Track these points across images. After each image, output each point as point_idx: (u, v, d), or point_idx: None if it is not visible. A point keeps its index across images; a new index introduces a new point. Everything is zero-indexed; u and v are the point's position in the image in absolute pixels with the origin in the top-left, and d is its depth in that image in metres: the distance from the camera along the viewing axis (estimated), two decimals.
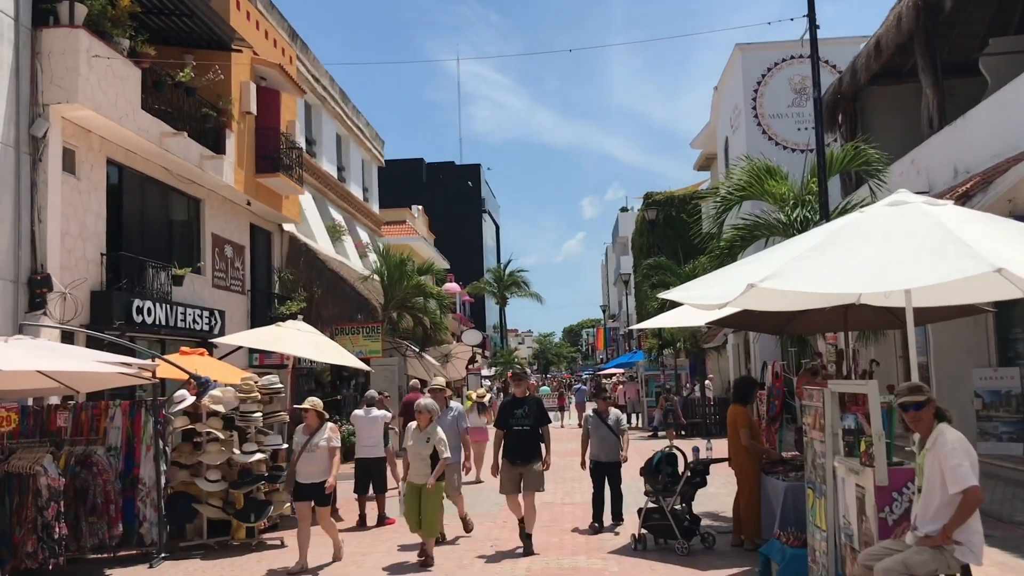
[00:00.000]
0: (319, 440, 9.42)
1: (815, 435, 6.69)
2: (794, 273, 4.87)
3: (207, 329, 16.77)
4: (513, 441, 10.05)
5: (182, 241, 17.49)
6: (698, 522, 9.79)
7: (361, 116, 32.44)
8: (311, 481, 9.37)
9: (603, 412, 11.47)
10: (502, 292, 66.06)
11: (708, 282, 6.20)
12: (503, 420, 10.18)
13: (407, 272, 23.36)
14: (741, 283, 5.07)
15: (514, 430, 10.04)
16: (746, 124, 28.94)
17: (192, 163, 16.25)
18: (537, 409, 10.24)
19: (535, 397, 10.91)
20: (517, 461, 9.95)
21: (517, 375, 10.81)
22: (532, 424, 10.06)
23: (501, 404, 10.56)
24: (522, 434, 10.01)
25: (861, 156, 11.96)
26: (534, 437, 10.09)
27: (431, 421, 9.44)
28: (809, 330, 9.99)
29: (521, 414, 10.07)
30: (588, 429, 11.48)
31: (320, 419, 9.55)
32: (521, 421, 10.03)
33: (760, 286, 4.80)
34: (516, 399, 10.34)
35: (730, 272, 6.10)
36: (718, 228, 12.32)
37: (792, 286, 4.92)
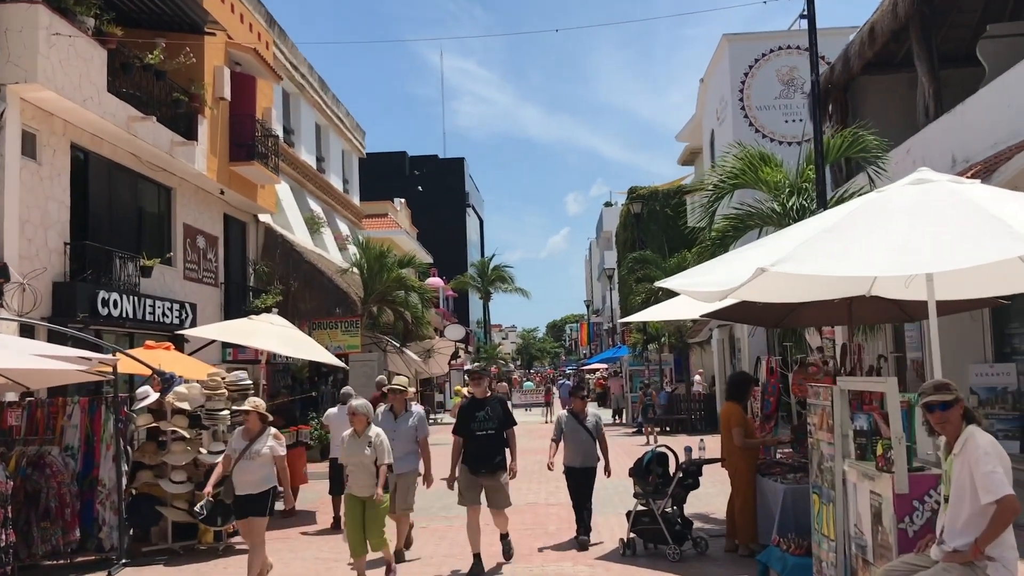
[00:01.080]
0: (260, 447, 8.26)
1: (822, 436, 6.18)
2: (807, 256, 4.35)
3: (177, 322, 16.13)
4: (475, 448, 8.95)
5: (152, 231, 16.83)
6: (690, 526, 9.27)
7: (341, 105, 31.78)
8: (248, 492, 8.20)
9: (580, 412, 10.28)
10: (486, 287, 65.50)
11: (708, 269, 5.68)
12: (463, 424, 9.06)
13: (387, 265, 22.78)
14: (747, 268, 4.54)
15: (476, 436, 8.95)
16: (733, 116, 28.47)
17: (162, 149, 15.59)
18: (501, 411, 9.15)
19: (498, 397, 9.60)
20: (480, 470, 8.90)
21: (476, 373, 9.54)
22: (496, 428, 8.98)
23: (460, 407, 9.42)
24: (485, 440, 8.92)
25: (860, 142, 11.48)
26: (499, 443, 9.03)
27: (368, 424, 8.36)
28: (809, 323, 9.50)
29: (483, 417, 8.97)
30: (561, 430, 10.23)
31: (263, 422, 8.44)
32: (484, 425, 8.94)
33: (771, 270, 4.28)
34: (476, 400, 9.19)
35: (734, 258, 5.59)
36: (709, 218, 11.81)
37: (806, 270, 4.39)
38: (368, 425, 8.37)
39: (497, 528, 9.29)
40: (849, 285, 6.20)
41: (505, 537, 9.38)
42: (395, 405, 9.81)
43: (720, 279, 5.04)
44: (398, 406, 9.80)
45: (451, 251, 72.79)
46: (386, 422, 9.41)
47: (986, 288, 6.21)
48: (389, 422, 9.47)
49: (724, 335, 31.83)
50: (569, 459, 10.17)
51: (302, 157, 26.65)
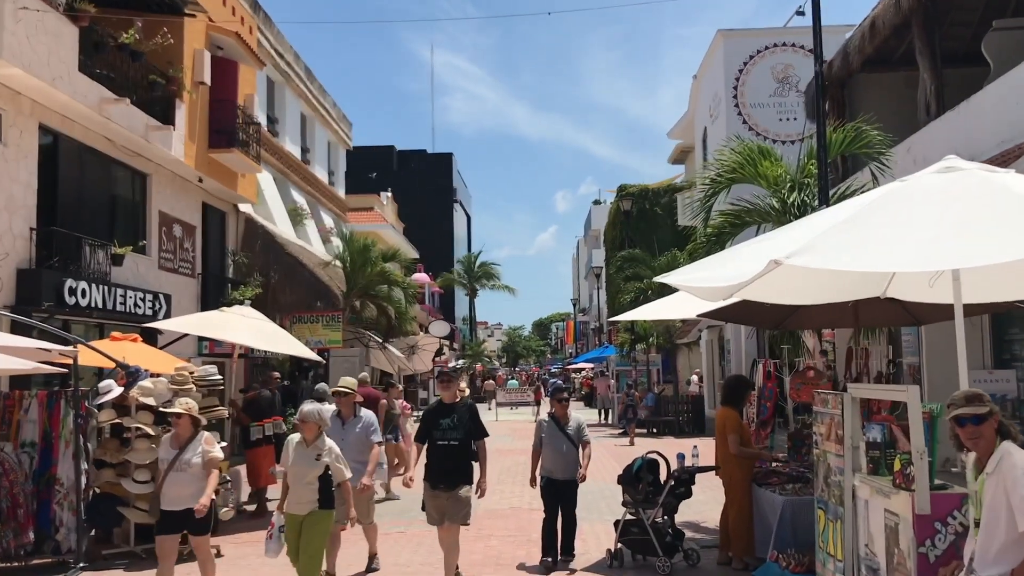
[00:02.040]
0: (192, 455, 7.36)
1: (830, 447, 5.69)
2: (826, 249, 3.86)
3: (150, 314, 15.54)
4: (435, 459, 8.00)
5: (125, 218, 16.22)
6: (681, 537, 8.79)
7: (328, 96, 31.17)
8: (182, 508, 7.29)
9: (561, 418, 9.11)
10: (472, 283, 65.08)
11: (712, 264, 5.19)
12: (425, 431, 8.12)
13: (371, 258, 22.21)
14: (757, 262, 4.06)
15: (438, 445, 7.98)
16: (726, 113, 28.04)
17: (137, 134, 14.98)
18: (469, 418, 8.16)
19: (467, 403, 8.52)
20: (440, 485, 7.92)
21: (446, 375, 8.66)
22: (461, 438, 7.99)
23: (424, 412, 8.45)
24: (448, 450, 7.95)
25: (862, 138, 11.02)
26: (464, 455, 8.05)
27: (320, 433, 7.38)
28: (811, 325, 9.03)
29: (448, 425, 8.01)
30: (541, 438, 9.08)
31: (195, 427, 7.52)
32: (447, 434, 7.97)
33: (785, 263, 3.78)
34: (443, 405, 8.22)
35: (740, 252, 5.10)
36: (705, 213, 11.32)
37: (823, 263, 3.90)
38: (319, 435, 7.38)
39: (446, 565, 8.26)
40: (863, 285, 5.72)
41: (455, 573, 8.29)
42: (342, 410, 8.96)
43: (726, 274, 4.54)
44: (345, 411, 8.96)
45: (438, 247, 72.19)
46: (332, 428, 8.45)
47: (1012, 289, 5.73)
48: (336, 428, 8.61)
49: (713, 336, 31.41)
50: (548, 469, 9.02)
51: (286, 147, 26.05)
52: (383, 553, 9.60)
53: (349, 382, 9.20)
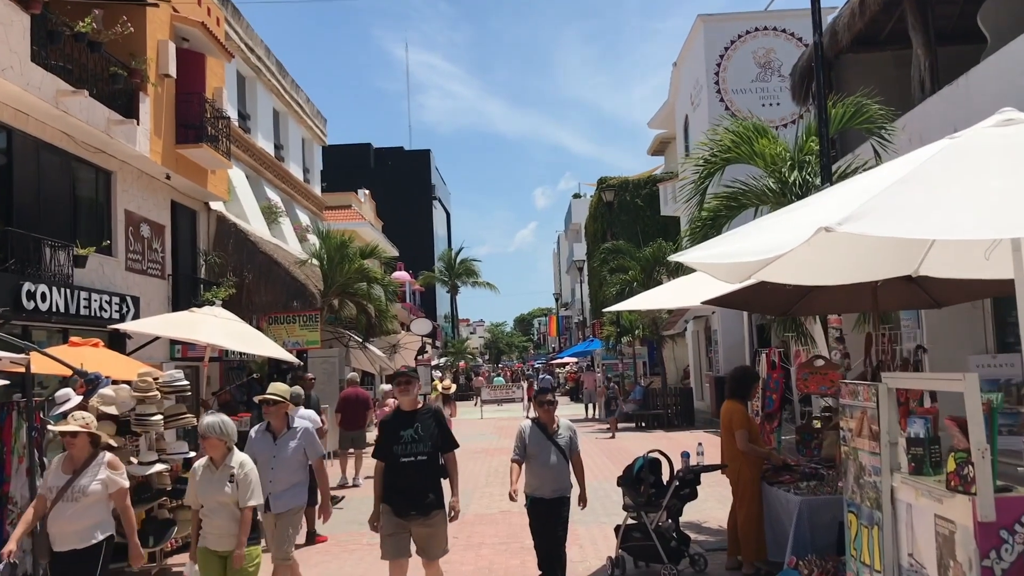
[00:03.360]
0: (88, 481, 6.07)
1: (862, 444, 5.10)
2: (884, 214, 3.25)
3: (118, 317, 14.79)
4: (399, 480, 6.63)
5: (89, 217, 15.44)
6: (687, 542, 8.19)
7: (301, 92, 30.40)
8: (71, 547, 5.99)
9: (547, 423, 7.61)
10: (453, 281, 64.43)
11: (731, 239, 4.57)
12: (384, 447, 6.78)
13: (349, 255, 21.48)
14: (796, 231, 3.47)
15: (401, 463, 6.62)
16: (708, 100, 27.55)
17: (98, 128, 14.21)
18: (436, 427, 6.81)
19: (431, 409, 7.07)
20: (408, 511, 6.61)
21: (403, 376, 7.01)
22: (429, 452, 6.69)
23: (380, 423, 7.07)
24: (413, 469, 6.60)
25: (863, 112, 10.47)
26: (432, 473, 6.74)
27: (229, 451, 6.17)
28: (823, 310, 8.47)
29: (410, 437, 6.67)
30: (524, 448, 7.51)
31: (94, 447, 6.26)
32: (411, 448, 6.64)
33: (838, 231, 3.18)
34: (402, 414, 6.85)
35: (767, 223, 4.49)
36: (700, 196, 10.73)
37: (884, 230, 3.29)
38: (229, 452, 6.17)
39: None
40: (894, 262, 5.13)
41: None
42: (272, 422, 7.63)
43: (753, 247, 3.93)
44: (276, 423, 7.61)
45: (417, 245, 71.50)
46: (262, 445, 7.49)
47: None
48: (266, 445, 7.50)
49: (699, 327, 30.97)
50: (534, 486, 7.50)
51: (259, 144, 25.28)
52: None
53: (279, 388, 7.76)
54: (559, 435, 7.57)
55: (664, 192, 34.17)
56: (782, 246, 3.53)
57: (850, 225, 3.20)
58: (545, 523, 7.45)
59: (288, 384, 19.99)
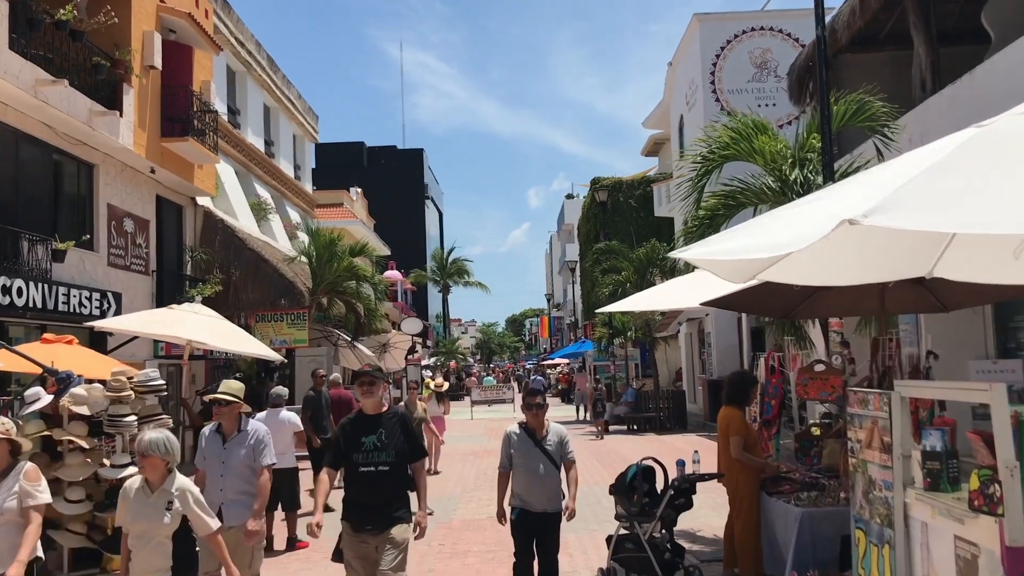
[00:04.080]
0: (4, 497, 5.28)
1: (871, 456, 4.79)
2: (913, 205, 2.92)
3: (98, 313, 14.42)
4: (362, 492, 5.93)
5: (70, 211, 15.07)
6: (682, 553, 7.84)
7: (292, 87, 30.03)
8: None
9: (536, 429, 6.93)
10: (445, 280, 64.07)
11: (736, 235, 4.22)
12: (341, 453, 6.03)
13: (338, 253, 21.12)
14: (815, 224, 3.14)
15: (362, 473, 5.90)
16: (703, 100, 27.26)
17: (79, 119, 13.83)
18: (402, 434, 6.05)
19: (397, 413, 6.28)
20: (366, 526, 5.86)
21: (366, 377, 6.23)
22: (393, 461, 5.92)
23: (340, 427, 6.29)
24: (377, 479, 5.88)
25: (866, 110, 10.16)
26: (398, 483, 6.00)
27: (170, 473, 5.31)
28: (826, 313, 8.16)
29: (372, 444, 5.93)
30: (510, 457, 6.89)
31: (13, 456, 5.50)
32: (373, 456, 5.90)
33: (864, 224, 2.85)
34: (364, 418, 6.11)
35: (779, 217, 4.15)
36: (697, 193, 10.41)
37: (913, 224, 2.95)
38: (169, 475, 5.30)
39: None
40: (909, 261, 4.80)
41: None
42: (223, 423, 6.80)
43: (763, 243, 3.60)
44: (227, 425, 6.78)
45: (410, 244, 71.15)
46: (212, 448, 6.76)
47: None
48: (215, 448, 6.74)
49: (693, 329, 30.68)
50: (522, 498, 6.83)
51: (248, 139, 24.91)
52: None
53: (233, 387, 6.94)
54: (548, 441, 6.91)
55: (658, 193, 33.90)
56: (798, 241, 3.21)
57: (877, 218, 2.88)
58: (533, 538, 6.79)
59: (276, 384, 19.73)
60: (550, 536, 6.84)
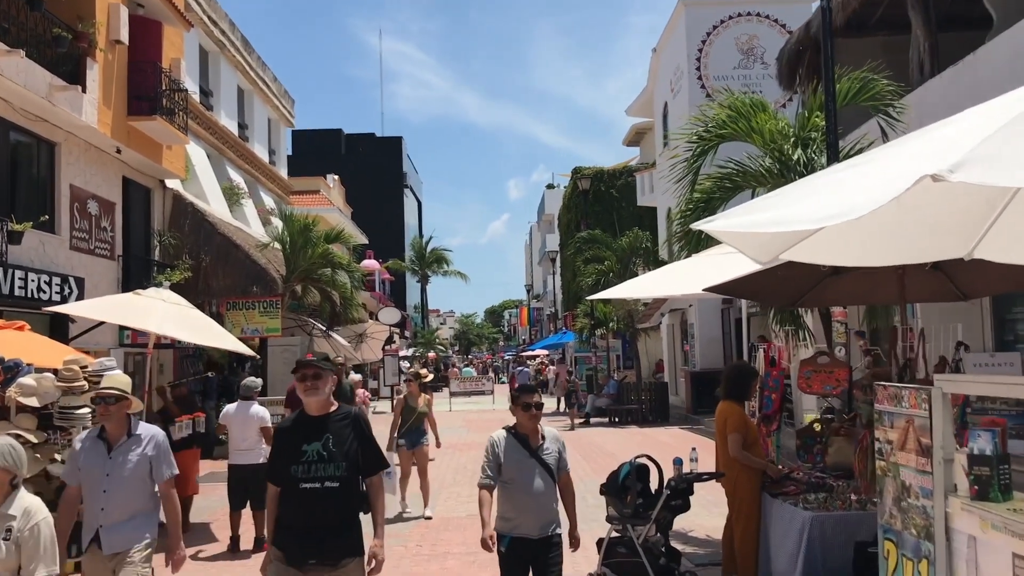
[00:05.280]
0: None
1: (906, 459, 4.26)
2: (1010, 162, 2.38)
3: (59, 299, 13.68)
4: (299, 513, 4.70)
5: (29, 191, 14.29)
6: (678, 558, 7.32)
7: (268, 70, 29.22)
8: None
9: (529, 434, 5.62)
10: (423, 269, 63.37)
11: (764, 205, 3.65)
12: (279, 464, 4.82)
13: (313, 239, 20.43)
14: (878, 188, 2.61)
15: (303, 490, 4.68)
16: (689, 87, 26.77)
17: (38, 94, 13.08)
18: (355, 439, 4.84)
19: (349, 413, 4.96)
20: (307, 559, 4.68)
21: (308, 369, 4.87)
22: (343, 474, 4.72)
23: (276, 432, 5.10)
24: (319, 499, 4.67)
25: (870, 88, 9.65)
26: (346, 504, 4.76)
27: (14, 490, 4.40)
28: (838, 300, 7.65)
29: (315, 454, 4.73)
30: (497, 467, 5.54)
31: None
32: (315, 470, 4.70)
33: (950, 180, 2.31)
34: (306, 420, 4.89)
35: (816, 184, 3.59)
36: (693, 175, 9.86)
37: (1014, 180, 2.41)
38: (12, 492, 4.38)
39: None
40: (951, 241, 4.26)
41: None
42: (109, 426, 5.48)
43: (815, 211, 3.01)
44: (114, 428, 5.47)
45: (388, 233, 70.35)
46: (93, 458, 5.40)
47: None
48: (98, 457, 5.41)
49: (675, 320, 30.26)
50: (514, 522, 5.51)
51: (221, 122, 24.12)
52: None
53: (119, 380, 5.66)
54: (545, 450, 5.61)
55: (641, 181, 33.42)
56: (860, 207, 2.65)
57: (967, 172, 2.33)
58: (525, 569, 5.50)
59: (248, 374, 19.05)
60: (549, 566, 5.51)
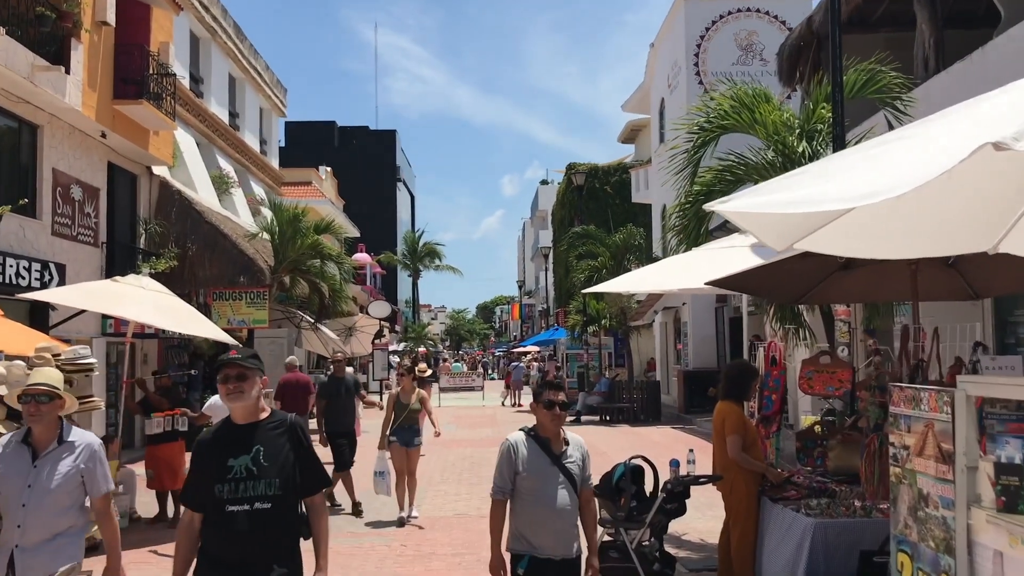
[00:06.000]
0: None
1: (924, 466, 3.96)
2: None
3: (38, 286, 13.32)
4: (224, 540, 3.89)
5: (10, 175, 13.92)
6: (672, 564, 7.02)
7: (260, 58, 28.83)
8: None
9: (552, 439, 4.82)
10: (415, 263, 62.99)
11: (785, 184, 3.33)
12: (199, 484, 3.97)
13: (302, 229, 20.07)
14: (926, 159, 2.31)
15: (228, 513, 3.85)
16: (687, 83, 26.48)
17: (19, 73, 12.70)
18: (292, 451, 4.01)
19: (285, 420, 4.08)
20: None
21: (231, 368, 3.94)
22: (276, 493, 3.90)
23: (196, 444, 4.09)
24: (247, 523, 3.84)
25: (877, 80, 9.35)
26: (280, 530, 3.95)
27: None
28: (845, 297, 7.37)
29: (244, 470, 3.89)
30: (513, 479, 4.76)
31: None
32: (245, 488, 3.88)
33: (1016, 148, 2.01)
34: (231, 429, 4.03)
35: (852, 160, 3.28)
36: (694, 167, 9.56)
37: None
38: None
39: None
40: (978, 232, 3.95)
41: None
42: (36, 430, 4.60)
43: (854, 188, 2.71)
44: (41, 433, 4.61)
45: (380, 227, 69.98)
46: (13, 466, 4.54)
47: None
48: (19, 464, 4.55)
49: (668, 318, 29.98)
50: (533, 541, 4.72)
51: (212, 109, 23.73)
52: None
53: (51, 376, 4.80)
54: (568, 457, 4.82)
55: (636, 178, 33.16)
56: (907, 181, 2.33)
57: None
58: None
59: None
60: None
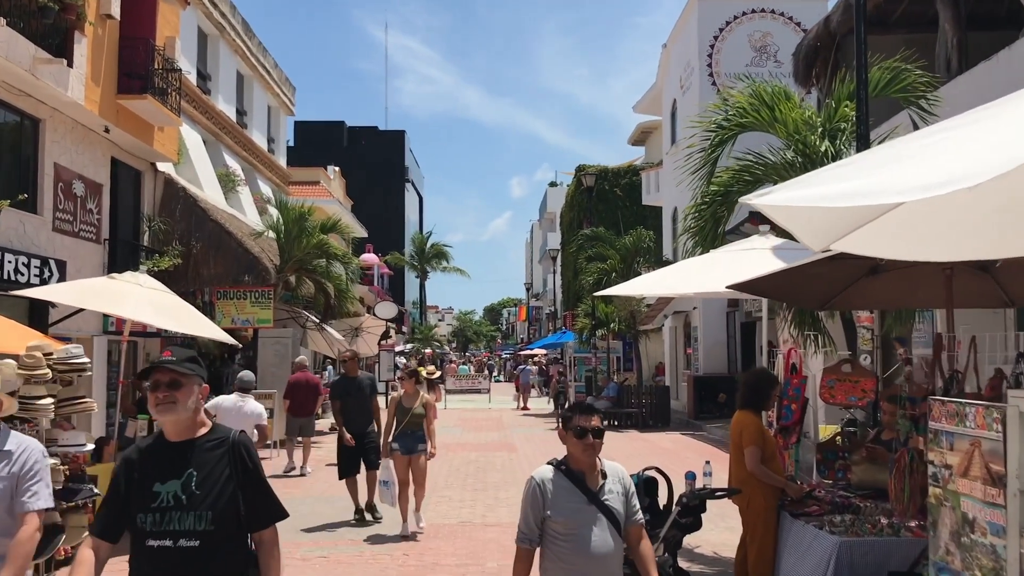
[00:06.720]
0: None
1: (970, 489, 3.63)
2: None
3: (37, 282, 13.05)
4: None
5: (10, 169, 13.66)
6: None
7: (269, 56, 28.60)
8: None
9: (586, 471, 4.04)
10: (423, 265, 62.78)
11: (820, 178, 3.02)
12: (120, 511, 3.29)
13: (308, 228, 19.81)
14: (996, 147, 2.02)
15: (148, 548, 3.19)
16: (699, 84, 26.14)
17: (20, 65, 12.43)
18: (231, 477, 3.31)
19: (225, 436, 3.39)
20: None
21: (161, 374, 3.28)
22: (208, 528, 3.20)
23: (121, 461, 3.42)
24: (173, 561, 3.17)
25: (901, 79, 9.03)
26: (211, 569, 3.22)
27: None
28: (872, 303, 7.05)
29: (173, 498, 3.23)
30: (540, 520, 3.98)
31: None
32: (171, 519, 3.20)
33: None
34: (162, 447, 3.36)
35: (899, 148, 2.99)
36: (711, 166, 9.24)
37: None
38: None
39: None
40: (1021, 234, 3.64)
41: None
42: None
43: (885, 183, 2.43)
44: None
45: (388, 228, 69.72)
46: None
47: None
48: None
49: (678, 323, 29.62)
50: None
51: (219, 107, 23.50)
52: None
53: None
54: (607, 492, 4.05)
55: (647, 180, 32.83)
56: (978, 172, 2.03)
57: None
58: None
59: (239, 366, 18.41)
60: None
